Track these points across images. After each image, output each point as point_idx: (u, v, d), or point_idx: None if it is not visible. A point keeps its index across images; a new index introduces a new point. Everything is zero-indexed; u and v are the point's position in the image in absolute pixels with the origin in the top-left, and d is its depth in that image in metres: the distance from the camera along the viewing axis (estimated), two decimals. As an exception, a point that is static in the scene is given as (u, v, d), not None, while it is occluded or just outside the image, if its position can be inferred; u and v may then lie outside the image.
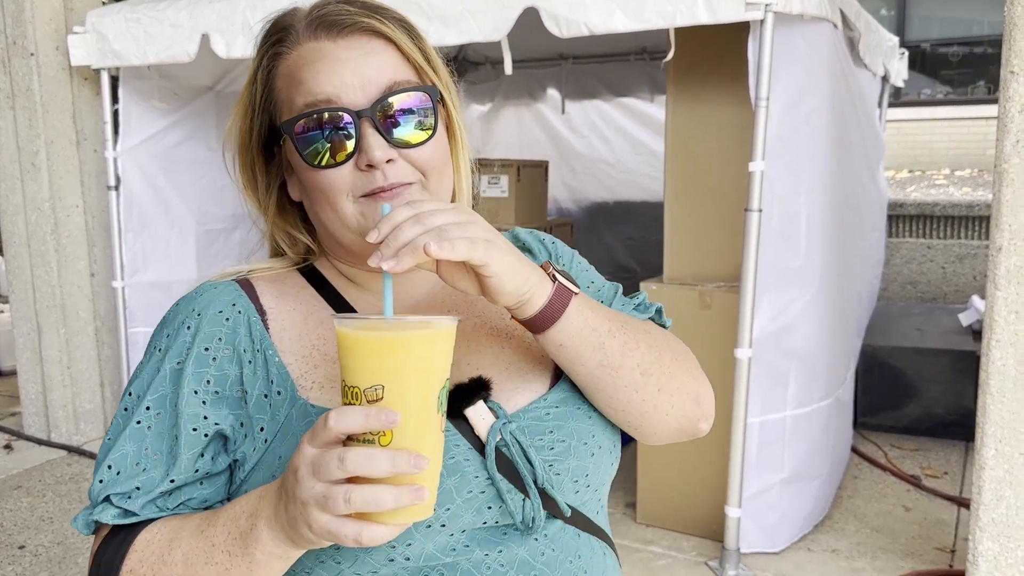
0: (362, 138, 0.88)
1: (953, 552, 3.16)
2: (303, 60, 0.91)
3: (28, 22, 4.07)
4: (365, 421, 0.70)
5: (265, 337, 0.92)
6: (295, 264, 1.01)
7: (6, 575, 3.16)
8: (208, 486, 0.90)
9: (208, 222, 4.55)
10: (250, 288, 0.96)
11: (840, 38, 3.15)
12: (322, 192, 0.90)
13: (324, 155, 0.89)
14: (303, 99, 0.89)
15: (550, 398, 0.94)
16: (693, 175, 3.29)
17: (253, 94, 0.95)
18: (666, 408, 0.97)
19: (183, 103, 4.36)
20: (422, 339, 0.74)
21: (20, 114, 4.20)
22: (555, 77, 6.02)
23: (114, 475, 0.88)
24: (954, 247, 5.81)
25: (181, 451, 0.87)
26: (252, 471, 0.89)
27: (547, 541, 0.90)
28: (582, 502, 0.95)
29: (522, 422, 0.91)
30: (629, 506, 3.50)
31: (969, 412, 4.05)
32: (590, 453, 0.93)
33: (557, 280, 0.88)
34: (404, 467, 0.70)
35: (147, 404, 0.89)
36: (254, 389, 0.89)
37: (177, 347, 0.91)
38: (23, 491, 3.89)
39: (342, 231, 0.92)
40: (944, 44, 9.35)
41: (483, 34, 3.03)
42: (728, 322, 3.00)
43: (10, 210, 4.35)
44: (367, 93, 0.89)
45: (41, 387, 4.51)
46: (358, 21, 0.90)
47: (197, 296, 0.94)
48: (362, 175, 0.89)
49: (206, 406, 0.89)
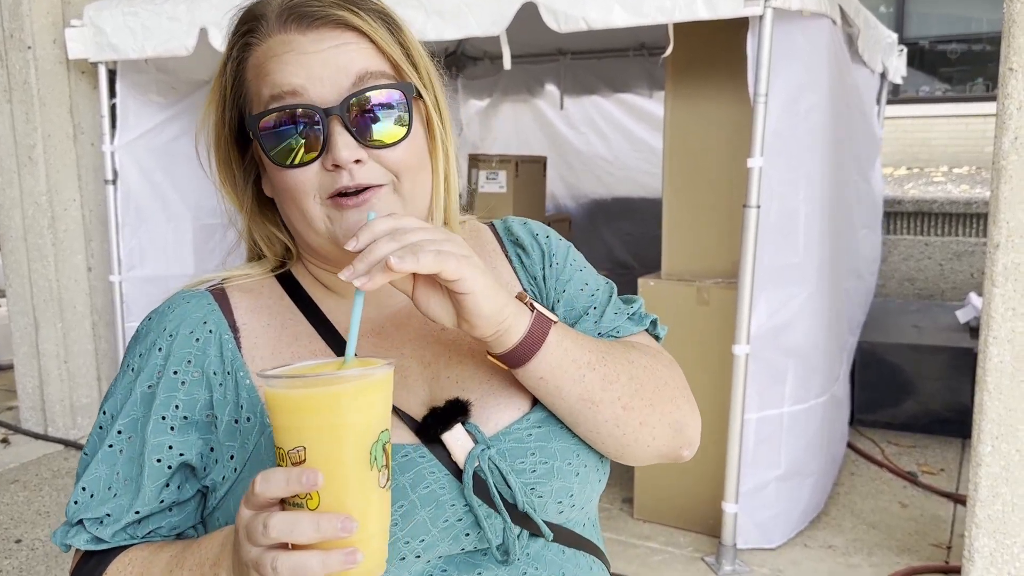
0: (329, 136, 0.83)
1: (949, 548, 3.17)
2: (271, 52, 0.86)
3: (25, 15, 4.06)
4: (286, 485, 0.67)
5: (237, 357, 0.89)
6: (272, 269, 0.97)
7: (3, 569, 3.15)
8: (177, 513, 0.90)
9: (205, 217, 4.54)
10: (224, 300, 0.93)
11: (839, 34, 3.15)
12: (288, 192, 0.86)
13: (290, 154, 0.84)
14: (269, 91, 0.85)
15: (532, 417, 0.90)
16: (692, 171, 3.29)
17: (223, 86, 0.91)
18: (647, 440, 0.93)
19: (181, 97, 4.36)
20: (341, 395, 0.69)
21: (17, 108, 4.19)
22: (553, 73, 6.02)
23: (87, 497, 0.88)
24: (952, 244, 5.81)
25: (145, 482, 0.86)
26: (223, 499, 0.88)
27: (529, 560, 0.88)
28: (567, 520, 0.92)
29: (502, 445, 0.87)
30: (626, 502, 3.50)
31: (966, 409, 4.06)
32: (575, 473, 0.90)
33: (535, 308, 0.85)
34: (330, 531, 0.67)
35: (119, 428, 0.88)
36: (224, 414, 0.87)
37: (148, 369, 0.89)
38: (20, 485, 3.89)
39: (309, 233, 0.88)
40: (943, 41, 9.35)
41: (481, 29, 3.02)
42: (726, 318, 3.00)
43: (7, 204, 4.34)
44: (336, 88, 0.84)
45: (38, 381, 4.50)
46: (330, 13, 0.85)
47: (169, 312, 0.91)
48: (329, 175, 0.84)
49: (173, 433, 0.87)
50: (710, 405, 3.06)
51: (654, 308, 1.04)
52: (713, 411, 3.03)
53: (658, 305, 3.20)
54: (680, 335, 3.22)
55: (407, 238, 0.76)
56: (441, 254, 0.75)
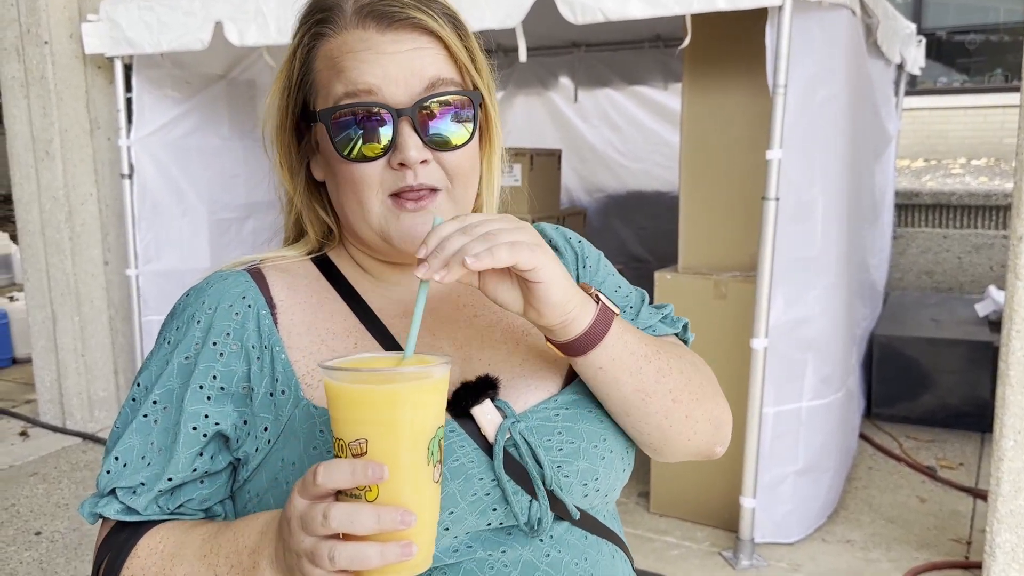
0: (398, 136, 0.86)
1: (969, 544, 3.14)
2: (347, 47, 0.88)
3: (42, 10, 4.08)
4: (351, 477, 0.69)
5: (273, 332, 0.90)
6: (309, 253, 0.99)
7: (23, 561, 3.18)
8: (208, 485, 0.90)
9: (220, 211, 4.56)
10: (261, 279, 0.94)
11: (857, 25, 3.11)
12: (350, 184, 0.89)
13: (358, 148, 0.87)
14: (343, 88, 0.87)
15: (561, 399, 0.92)
16: (708, 163, 3.27)
17: (291, 72, 0.93)
18: (689, 434, 0.96)
19: (195, 92, 4.37)
20: (408, 392, 0.71)
21: (34, 102, 4.21)
22: (568, 65, 5.99)
23: (120, 467, 0.88)
24: (970, 237, 5.76)
25: (179, 449, 0.87)
26: (255, 472, 0.88)
27: (553, 543, 0.88)
28: (591, 505, 0.93)
29: (531, 422, 0.89)
30: (642, 496, 3.49)
31: (985, 403, 4.03)
32: (600, 456, 0.91)
33: (600, 299, 0.87)
34: (390, 524, 0.68)
35: (154, 397, 0.89)
36: (260, 387, 0.88)
37: (187, 341, 0.90)
38: (39, 478, 3.92)
39: (362, 226, 0.91)
40: (961, 32, 9.25)
41: (496, 21, 3.01)
42: (743, 312, 2.98)
43: (25, 199, 4.37)
44: (408, 90, 0.87)
45: (56, 375, 4.53)
46: (409, 15, 0.87)
47: (207, 288, 0.93)
48: (393, 173, 0.87)
49: (210, 403, 0.88)
50: (728, 399, 3.04)
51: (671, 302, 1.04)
52: (731, 405, 3.01)
53: (675, 299, 3.18)
54: (697, 329, 3.18)
55: (478, 230, 0.77)
56: (515, 245, 0.76)
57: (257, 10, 3.44)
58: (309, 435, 0.85)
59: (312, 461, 0.82)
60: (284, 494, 0.84)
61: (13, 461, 4.11)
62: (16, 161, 4.34)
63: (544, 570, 0.87)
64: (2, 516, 3.53)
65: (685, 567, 3.01)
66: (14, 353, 5.73)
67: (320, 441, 0.85)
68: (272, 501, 0.86)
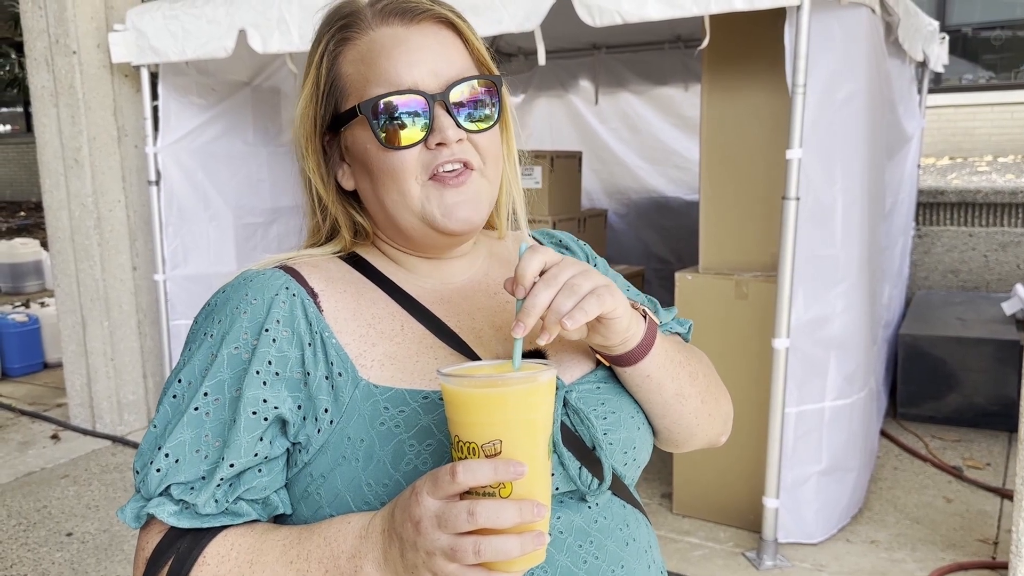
0: (435, 119, 0.91)
1: (996, 544, 3.11)
2: (377, 45, 0.93)
3: (70, 20, 4.15)
4: (495, 475, 0.73)
5: (320, 319, 0.91)
6: (335, 252, 1.02)
7: (55, 561, 3.24)
8: (267, 472, 0.88)
9: (246, 216, 4.62)
10: (295, 273, 0.95)
11: (877, 23, 3.10)
12: (390, 175, 0.92)
13: (399, 136, 0.91)
14: (379, 81, 0.92)
15: (599, 373, 0.99)
16: (729, 163, 3.26)
17: (319, 79, 0.96)
18: (707, 429, 1.06)
19: (220, 98, 4.43)
20: (532, 392, 0.76)
21: (63, 111, 4.29)
22: (588, 67, 6.00)
23: (172, 463, 0.86)
24: (997, 235, 5.69)
25: (241, 434, 0.86)
26: (318, 453, 0.88)
27: (599, 510, 0.93)
28: (626, 475, 0.99)
29: (578, 392, 0.95)
30: (665, 497, 3.49)
31: (1012, 402, 3.99)
32: (636, 427, 0.99)
33: (647, 315, 0.94)
34: (529, 517, 0.73)
35: (204, 390, 0.88)
36: (316, 371, 0.89)
37: (234, 332, 0.89)
38: (70, 480, 3.99)
39: (404, 214, 0.94)
40: (986, 28, 9.14)
41: (516, 24, 3.03)
42: (764, 312, 2.98)
43: (55, 206, 4.45)
44: (439, 78, 0.92)
45: (86, 379, 4.61)
46: (430, 9, 0.94)
47: (247, 283, 0.93)
48: (430, 154, 0.92)
49: (266, 387, 0.87)
50: (749, 399, 3.05)
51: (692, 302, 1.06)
52: (753, 405, 3.01)
53: (696, 299, 3.19)
54: (718, 329, 3.20)
55: (559, 280, 0.83)
56: (597, 295, 0.83)
57: (280, 18, 3.49)
58: (373, 413, 0.87)
59: (379, 437, 0.86)
60: (352, 471, 0.85)
61: (45, 464, 4.19)
62: (46, 169, 4.42)
63: (595, 535, 0.92)
64: (34, 517, 3.60)
65: (708, 568, 3.01)
66: (45, 358, 5.83)
67: (386, 417, 0.87)
68: (339, 480, 0.86)
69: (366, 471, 0.85)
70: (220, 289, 0.95)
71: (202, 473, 0.86)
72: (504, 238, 1.11)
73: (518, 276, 0.83)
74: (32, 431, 4.66)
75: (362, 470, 0.85)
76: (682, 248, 5.68)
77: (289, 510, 0.91)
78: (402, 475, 0.85)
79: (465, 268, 1.03)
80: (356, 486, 0.86)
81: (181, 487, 0.86)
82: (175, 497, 0.86)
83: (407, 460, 0.85)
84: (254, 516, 0.89)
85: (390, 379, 0.90)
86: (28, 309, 6.25)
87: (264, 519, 0.91)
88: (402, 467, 0.85)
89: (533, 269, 0.83)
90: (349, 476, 0.86)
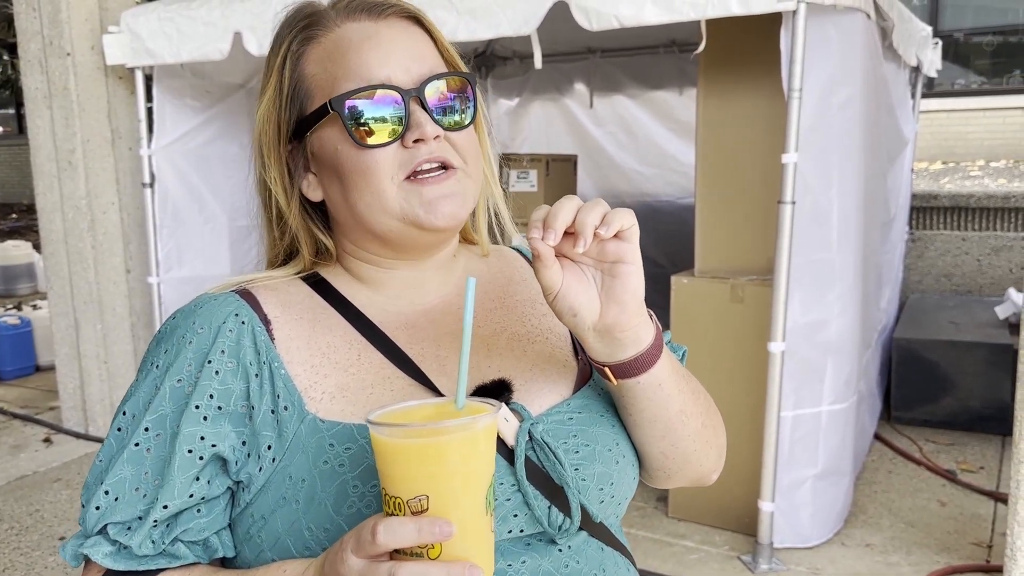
0: (411, 115, 0.86)
1: (990, 547, 3.12)
2: (346, 41, 0.88)
3: (64, 22, 4.14)
4: (418, 536, 0.67)
5: (270, 348, 0.86)
6: (297, 273, 0.96)
7: (48, 566, 3.22)
8: (206, 513, 0.85)
9: (240, 218, 4.60)
10: (251, 298, 0.90)
11: (872, 28, 3.11)
12: (363, 175, 0.86)
13: (372, 133, 0.86)
14: (349, 78, 0.87)
15: (573, 403, 0.92)
16: (725, 167, 3.27)
17: (281, 82, 0.91)
18: (703, 458, 0.97)
19: (215, 101, 4.42)
20: (467, 441, 0.69)
21: (57, 113, 4.27)
22: (583, 71, 6.00)
23: (111, 501, 0.82)
24: (990, 239, 5.72)
25: (175, 473, 0.82)
26: (259, 493, 0.84)
27: (571, 553, 0.86)
28: (605, 514, 0.91)
29: (546, 424, 0.88)
30: (661, 500, 3.50)
31: (1005, 406, 4.00)
32: (615, 460, 0.91)
33: (653, 317, 0.87)
34: None
35: (146, 425, 0.83)
36: (261, 405, 0.84)
37: (178, 363, 0.85)
38: (62, 484, 3.97)
39: (379, 217, 0.88)
40: (978, 33, 9.20)
41: (512, 28, 3.03)
42: (760, 316, 2.99)
43: (48, 208, 4.43)
44: (411, 74, 0.87)
45: (79, 382, 4.59)
46: (396, 4, 0.91)
47: (196, 309, 0.88)
48: (407, 152, 0.86)
49: (206, 423, 0.83)
50: (745, 403, 3.05)
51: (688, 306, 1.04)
52: (748, 409, 3.01)
53: (692, 303, 3.19)
54: (714, 333, 3.21)
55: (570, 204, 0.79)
56: (622, 215, 0.79)
57: (275, 20, 3.48)
58: (317, 450, 0.82)
59: (322, 477, 0.81)
60: (293, 513, 0.81)
61: (37, 467, 4.17)
62: (39, 171, 4.41)
63: None
64: (27, 521, 3.58)
65: (704, 571, 3.01)
66: (37, 360, 5.80)
67: (331, 455, 0.81)
68: (279, 523, 0.82)
69: (307, 514, 0.80)
70: (172, 315, 0.91)
71: (139, 513, 0.82)
72: (488, 256, 1.05)
73: (533, 218, 0.79)
74: (24, 434, 4.63)
75: (303, 513, 0.81)
76: (677, 252, 5.68)
77: (231, 553, 0.87)
78: (344, 519, 0.80)
79: (440, 284, 0.96)
80: (297, 530, 0.81)
81: (117, 527, 0.83)
82: (111, 537, 0.83)
83: (350, 503, 0.80)
84: (192, 559, 0.85)
85: (339, 413, 0.85)
86: (20, 312, 6.23)
87: (204, 561, 0.86)
88: (344, 511, 0.80)
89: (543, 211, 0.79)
90: (290, 519, 0.81)
